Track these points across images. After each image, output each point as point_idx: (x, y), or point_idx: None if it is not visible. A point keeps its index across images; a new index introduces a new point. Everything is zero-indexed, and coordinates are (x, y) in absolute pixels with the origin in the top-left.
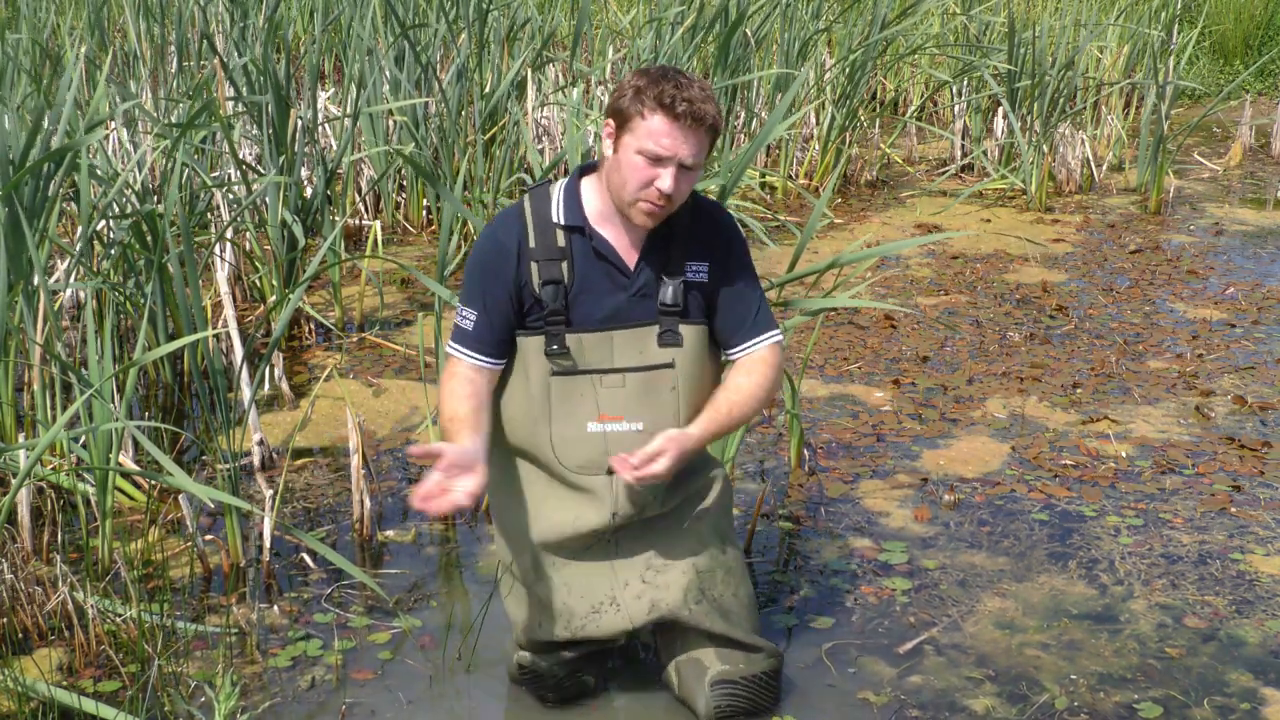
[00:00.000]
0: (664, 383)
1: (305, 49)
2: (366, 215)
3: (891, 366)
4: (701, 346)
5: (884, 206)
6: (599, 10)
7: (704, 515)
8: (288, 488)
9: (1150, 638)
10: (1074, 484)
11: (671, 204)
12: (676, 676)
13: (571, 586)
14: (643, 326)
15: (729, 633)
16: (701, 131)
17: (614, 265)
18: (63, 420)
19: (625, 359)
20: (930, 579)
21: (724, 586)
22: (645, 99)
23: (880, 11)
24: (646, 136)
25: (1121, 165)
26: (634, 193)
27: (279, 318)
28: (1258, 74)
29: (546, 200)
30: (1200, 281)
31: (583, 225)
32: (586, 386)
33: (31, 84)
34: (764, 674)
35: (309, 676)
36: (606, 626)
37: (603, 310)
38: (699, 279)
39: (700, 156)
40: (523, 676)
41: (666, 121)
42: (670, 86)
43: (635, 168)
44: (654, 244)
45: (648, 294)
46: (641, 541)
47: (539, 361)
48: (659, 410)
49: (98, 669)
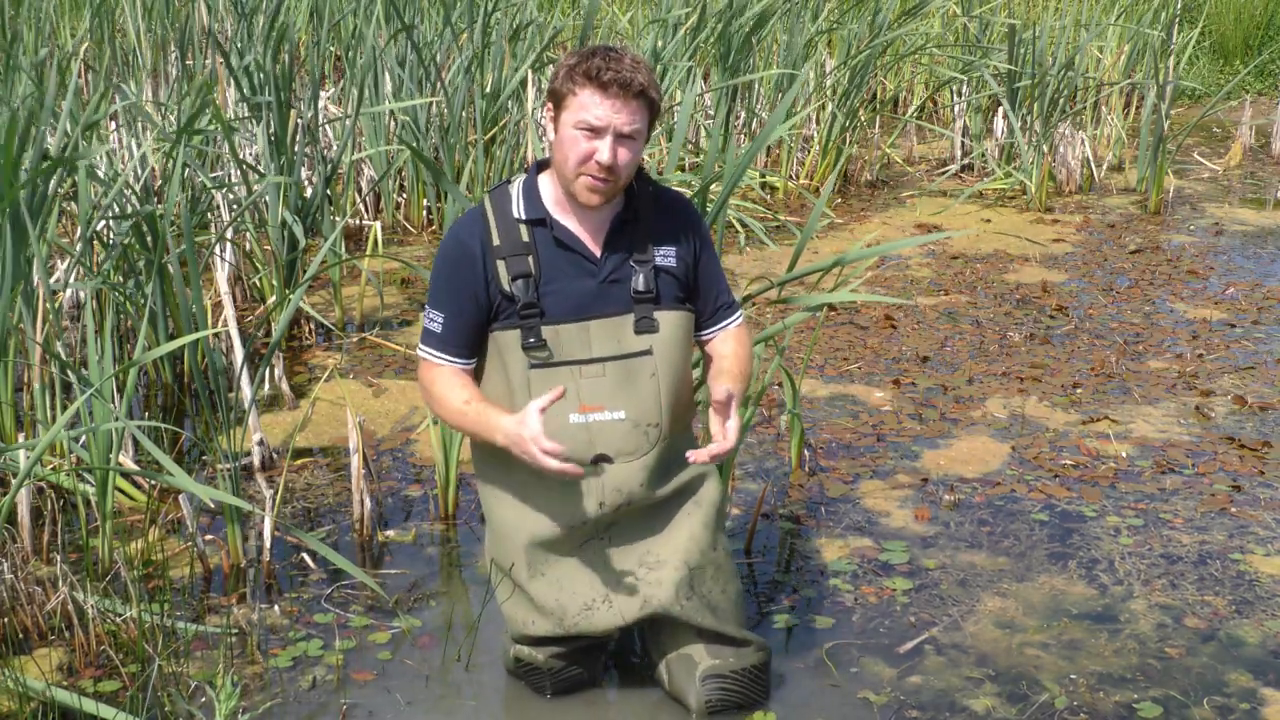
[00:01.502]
0: (644, 370)
1: (306, 49)
2: (367, 215)
3: (891, 366)
4: (678, 331)
5: (884, 206)
6: (599, 10)
7: (695, 511)
8: (288, 488)
9: (1150, 638)
10: (1074, 484)
11: (614, 176)
12: (667, 673)
13: (563, 584)
14: (619, 315)
15: (718, 628)
16: (634, 100)
17: (578, 253)
18: (63, 420)
19: (603, 348)
20: (930, 579)
21: (714, 583)
22: (575, 75)
23: (885, 17)
24: (580, 110)
25: (1121, 165)
26: (575, 168)
27: (279, 318)
28: (1257, 74)
29: (507, 198)
30: (1200, 281)
31: (543, 217)
32: (567, 378)
33: (31, 83)
34: (753, 667)
35: (309, 676)
36: (599, 622)
37: (574, 299)
38: (668, 264)
39: (637, 125)
40: (518, 669)
41: (597, 93)
42: (598, 60)
43: (573, 142)
44: (618, 230)
45: (618, 279)
46: (633, 537)
47: (517, 356)
48: (640, 398)
49: (98, 669)
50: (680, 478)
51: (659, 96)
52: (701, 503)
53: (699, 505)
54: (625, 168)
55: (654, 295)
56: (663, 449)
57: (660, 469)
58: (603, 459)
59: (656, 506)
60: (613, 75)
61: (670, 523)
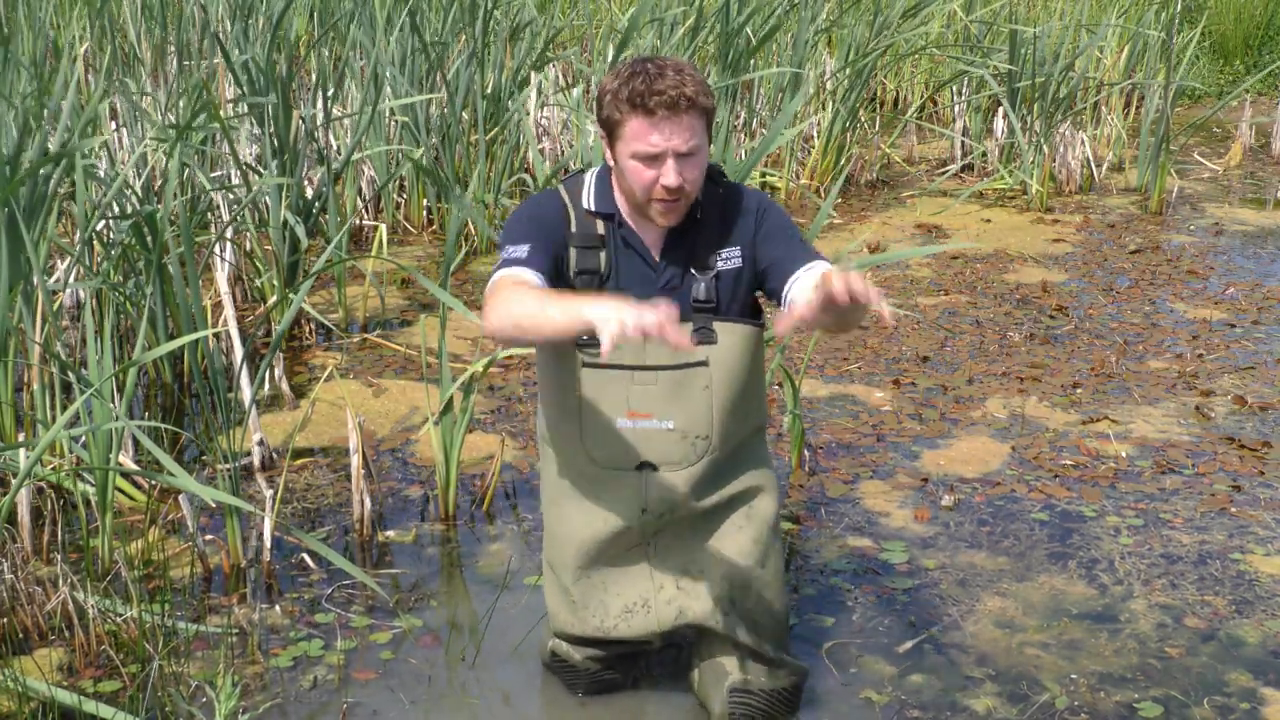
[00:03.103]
0: (697, 381)
1: (306, 49)
2: (367, 215)
3: (891, 366)
4: (738, 345)
5: (884, 206)
6: (599, 10)
7: (746, 525)
8: (288, 488)
9: (1150, 638)
10: (1074, 484)
11: (685, 193)
12: (699, 677)
13: (608, 587)
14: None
15: (756, 646)
16: (685, 116)
17: (640, 256)
18: (63, 420)
19: (658, 356)
20: (930, 579)
21: (757, 601)
22: (620, 104)
23: (890, 15)
24: (633, 140)
25: (1122, 165)
26: (644, 195)
27: (280, 318)
28: (1256, 73)
29: (580, 186)
30: (1200, 281)
31: (614, 213)
32: (619, 381)
33: (31, 83)
34: (783, 690)
35: (310, 676)
36: (637, 627)
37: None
38: (732, 266)
39: (695, 139)
40: (554, 664)
41: (644, 122)
42: (639, 83)
43: (636, 171)
44: (677, 236)
45: (674, 287)
46: (680, 547)
47: (570, 352)
48: (690, 408)
49: (98, 669)
50: (732, 488)
51: (711, 99)
52: (754, 517)
53: (750, 519)
54: (693, 184)
55: (714, 305)
56: (712, 461)
57: (708, 481)
58: (647, 466)
59: (706, 517)
60: (658, 99)
61: (719, 534)
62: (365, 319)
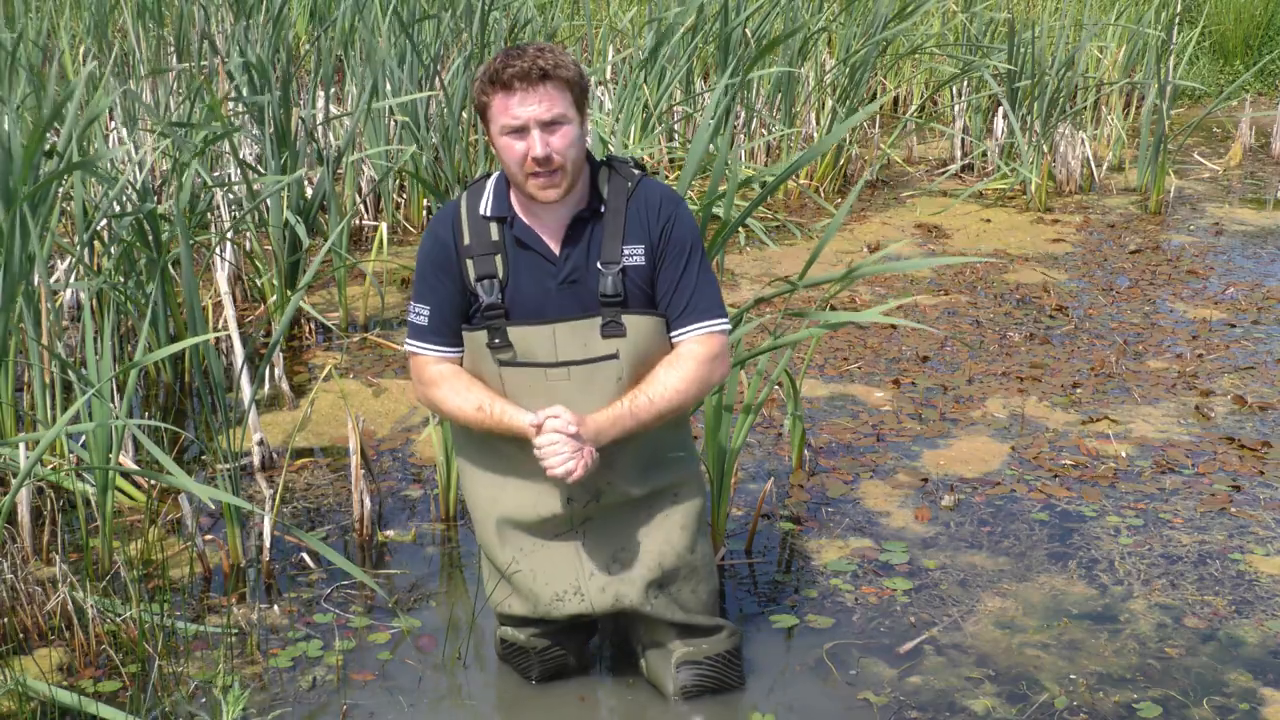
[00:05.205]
0: (609, 374)
1: (305, 49)
2: (367, 215)
3: (891, 366)
4: (648, 336)
5: (884, 206)
6: (599, 10)
7: (674, 512)
8: (288, 488)
9: (1150, 638)
10: (1074, 484)
11: (557, 163)
12: (646, 663)
13: (537, 574)
14: (585, 318)
15: (689, 620)
16: (542, 86)
17: (538, 253)
18: (63, 420)
19: (569, 352)
20: (930, 579)
21: (685, 584)
22: (484, 85)
23: (882, 11)
24: (498, 116)
25: (1121, 165)
26: (518, 171)
27: (280, 318)
28: (1257, 74)
29: (480, 194)
30: (1200, 281)
31: (507, 215)
32: (536, 378)
33: (30, 83)
34: (726, 653)
35: (309, 677)
36: (570, 610)
37: (536, 300)
38: (636, 263)
39: (559, 108)
40: (506, 652)
41: (503, 95)
42: (497, 63)
43: (508, 148)
44: (577, 229)
45: (576, 280)
46: (608, 533)
47: (485, 354)
48: (604, 402)
49: (98, 669)
50: (662, 479)
51: (575, 74)
52: (680, 504)
53: (677, 507)
54: (563, 154)
55: (621, 298)
56: (633, 450)
57: (631, 469)
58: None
59: (635, 505)
60: (512, 71)
61: (648, 523)
62: (365, 319)
